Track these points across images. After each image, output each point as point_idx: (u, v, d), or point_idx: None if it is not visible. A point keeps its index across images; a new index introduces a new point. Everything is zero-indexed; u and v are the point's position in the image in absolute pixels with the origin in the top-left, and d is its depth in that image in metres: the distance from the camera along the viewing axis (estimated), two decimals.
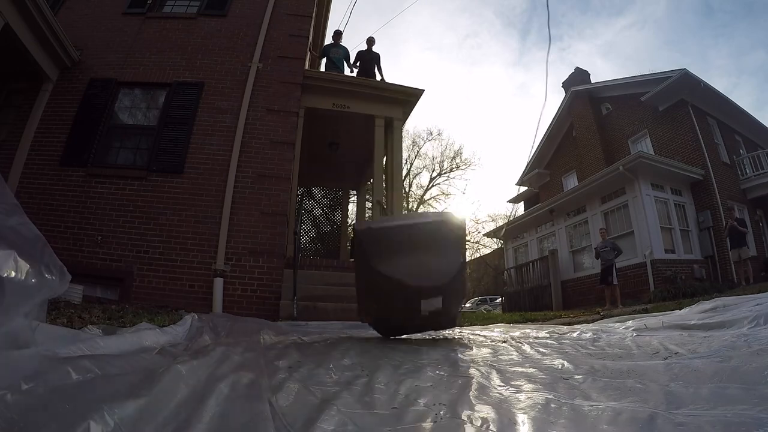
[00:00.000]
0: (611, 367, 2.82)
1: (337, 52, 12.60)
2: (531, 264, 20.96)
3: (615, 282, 13.88)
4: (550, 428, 1.58)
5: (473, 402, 1.96)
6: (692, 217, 17.38)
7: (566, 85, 25.32)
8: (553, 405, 1.84)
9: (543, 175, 26.37)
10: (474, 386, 2.28)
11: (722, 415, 1.51)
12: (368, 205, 17.04)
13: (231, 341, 4.16)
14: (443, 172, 39.51)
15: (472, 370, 2.80)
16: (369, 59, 12.59)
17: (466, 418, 1.69)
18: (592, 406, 1.80)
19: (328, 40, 14.08)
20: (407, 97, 11.78)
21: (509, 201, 32.23)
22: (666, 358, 3.08)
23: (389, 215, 10.59)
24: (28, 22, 8.75)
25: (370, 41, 12.84)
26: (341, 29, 13.51)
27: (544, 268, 19.85)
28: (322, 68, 13.05)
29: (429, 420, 1.70)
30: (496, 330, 6.96)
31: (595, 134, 22.61)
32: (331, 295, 8.42)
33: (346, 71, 12.56)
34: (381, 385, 2.40)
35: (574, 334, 5.42)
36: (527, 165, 27.30)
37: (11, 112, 9.78)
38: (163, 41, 10.65)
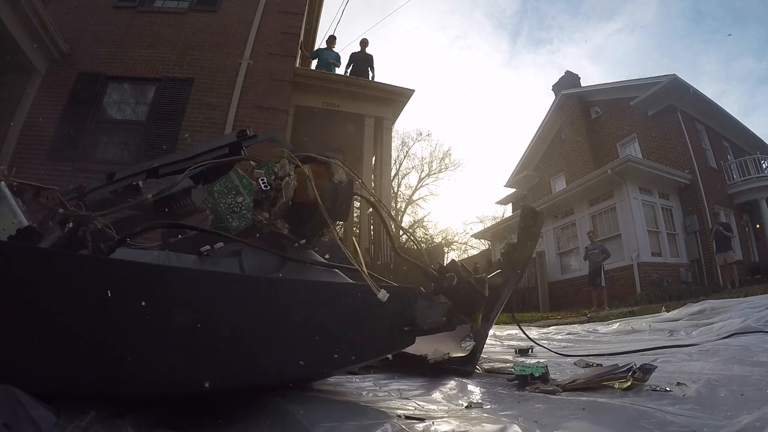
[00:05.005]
0: None
1: (329, 56, 12.55)
2: None
3: (603, 284, 13.95)
4: None
5: None
6: (679, 221, 17.50)
7: (556, 88, 25.37)
8: None
9: (531, 177, 26.40)
10: None
11: None
12: (357, 204, 16.99)
13: None
14: (432, 172, 39.42)
15: None
16: (362, 60, 12.58)
17: None
18: None
19: (319, 39, 14.11)
20: (397, 97, 11.79)
21: (497, 203, 32.21)
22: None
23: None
24: (18, 13, 8.65)
25: (364, 43, 12.84)
26: (334, 34, 13.44)
27: (531, 269, 19.88)
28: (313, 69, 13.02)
29: None
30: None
31: (584, 137, 22.70)
32: None
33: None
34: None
35: None
36: (516, 167, 27.38)
37: None
38: (154, 36, 10.58)
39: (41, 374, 1.18)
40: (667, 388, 2.03)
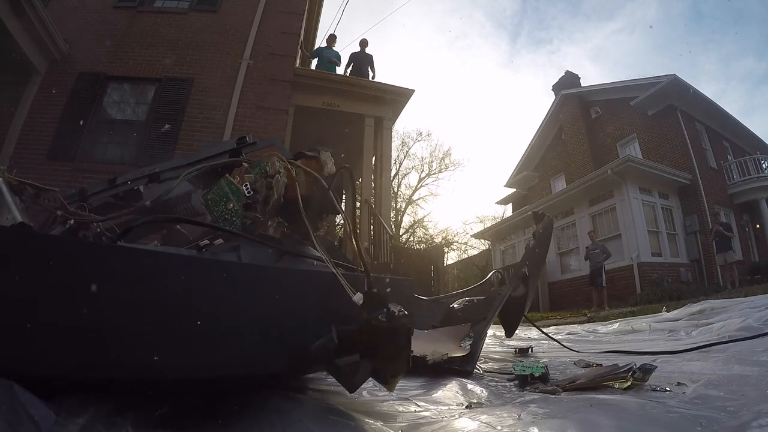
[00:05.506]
0: None
1: (329, 55, 12.55)
2: None
3: (604, 284, 13.94)
4: None
5: None
6: (679, 221, 17.49)
7: (556, 88, 25.37)
8: None
9: (531, 177, 26.38)
10: None
11: None
12: (357, 204, 16.98)
13: None
14: (432, 172, 39.41)
15: None
16: (362, 60, 12.57)
17: None
18: None
19: (320, 39, 14.08)
20: (397, 97, 11.78)
21: (497, 203, 32.19)
22: None
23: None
24: (18, 13, 8.65)
25: (363, 43, 12.84)
26: (334, 33, 13.44)
27: None
28: (313, 68, 13.02)
29: None
30: None
31: (584, 137, 22.69)
32: None
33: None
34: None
35: None
36: (516, 167, 27.35)
37: None
38: (154, 36, 10.59)
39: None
40: (667, 388, 2.03)
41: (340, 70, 12.48)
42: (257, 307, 1.43)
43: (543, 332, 4.88)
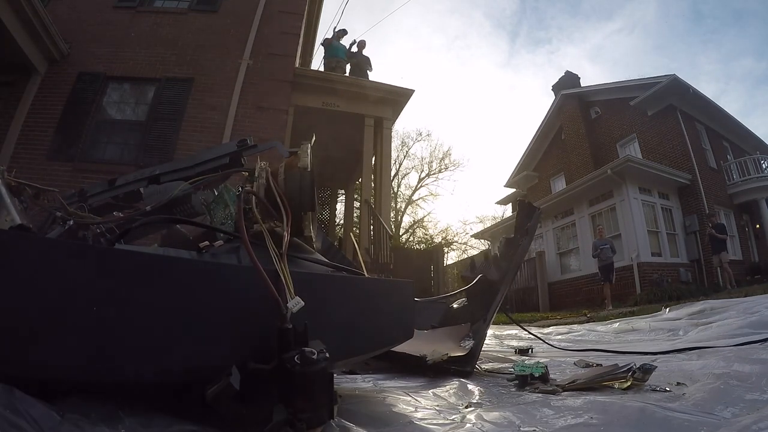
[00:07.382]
0: None
1: (338, 44, 12.61)
2: None
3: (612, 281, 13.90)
4: None
5: None
6: (679, 221, 17.47)
7: (556, 88, 25.29)
8: None
9: (531, 177, 26.34)
10: None
11: None
12: (356, 204, 17.00)
13: None
14: (432, 172, 39.28)
15: None
16: (360, 61, 12.58)
17: None
18: None
19: (320, 40, 14.13)
20: (397, 97, 11.77)
21: (497, 203, 32.17)
22: None
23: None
24: (18, 13, 8.64)
25: (361, 45, 12.86)
26: (345, 29, 13.45)
27: (531, 269, 19.85)
28: (321, 59, 13.06)
29: None
30: None
31: (583, 137, 22.63)
32: None
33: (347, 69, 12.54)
34: None
35: None
36: (516, 167, 27.33)
37: None
38: (154, 36, 10.58)
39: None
40: (667, 388, 2.03)
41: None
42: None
43: (523, 328, 4.87)
